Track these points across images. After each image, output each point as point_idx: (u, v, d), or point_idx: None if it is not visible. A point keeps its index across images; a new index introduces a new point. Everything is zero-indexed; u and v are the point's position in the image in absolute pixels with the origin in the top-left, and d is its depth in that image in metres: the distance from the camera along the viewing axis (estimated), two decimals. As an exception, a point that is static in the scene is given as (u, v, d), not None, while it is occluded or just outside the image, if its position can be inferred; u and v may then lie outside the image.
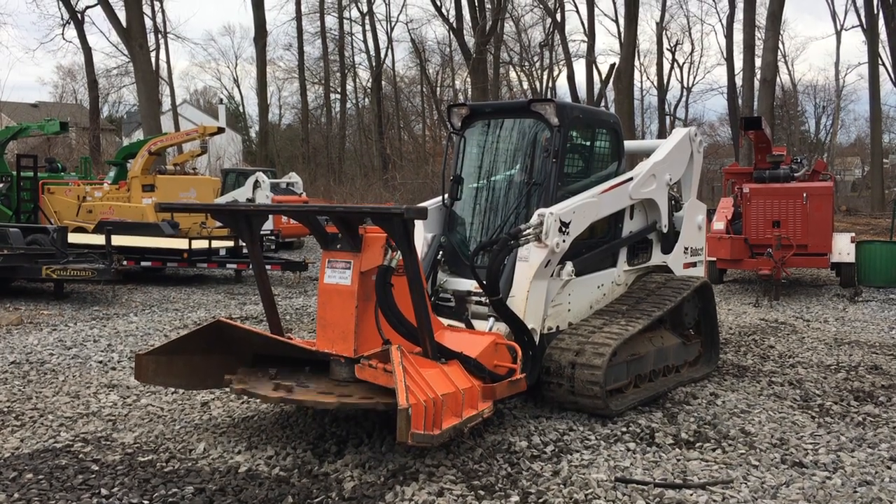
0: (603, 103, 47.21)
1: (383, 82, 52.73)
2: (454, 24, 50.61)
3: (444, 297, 6.36)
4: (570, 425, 5.58)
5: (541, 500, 4.25)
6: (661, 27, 56.63)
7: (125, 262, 12.42)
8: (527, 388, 5.55)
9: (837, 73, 51.54)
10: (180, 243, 13.52)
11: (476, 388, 4.96)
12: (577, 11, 49.38)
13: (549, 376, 5.77)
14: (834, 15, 71.32)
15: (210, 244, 13.53)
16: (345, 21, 52.71)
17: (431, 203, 6.75)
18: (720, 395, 6.47)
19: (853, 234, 13.88)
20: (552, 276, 6.02)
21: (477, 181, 6.64)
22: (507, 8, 49.10)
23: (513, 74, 57.00)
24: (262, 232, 16.22)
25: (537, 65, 57.45)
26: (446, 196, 6.70)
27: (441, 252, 6.54)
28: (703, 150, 7.71)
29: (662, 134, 50.81)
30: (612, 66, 52.88)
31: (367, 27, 51.40)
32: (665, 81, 57.47)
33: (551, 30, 55.89)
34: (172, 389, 6.36)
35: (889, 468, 4.81)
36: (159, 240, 13.93)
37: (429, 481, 4.47)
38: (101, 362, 7.45)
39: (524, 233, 5.65)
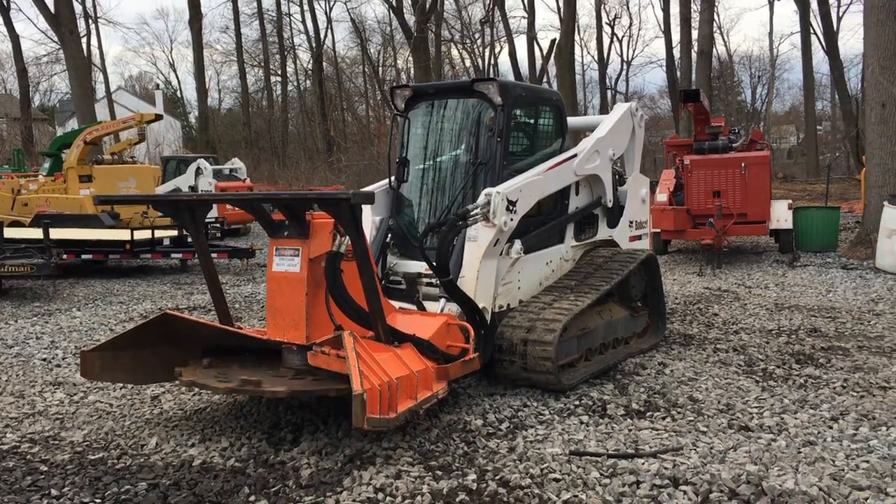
0: (545, 79, 47.46)
1: (325, 63, 52.22)
2: (394, 3, 50.32)
3: (394, 280, 6.36)
4: (524, 401, 5.64)
5: (497, 477, 4.29)
6: (599, 1, 57.12)
7: (65, 256, 12.12)
8: (480, 367, 5.60)
9: (771, 42, 52.89)
10: (122, 234, 13.25)
11: (430, 369, 4.98)
12: (517, -13, 49.32)
13: (502, 354, 5.81)
14: (766, -14, 72.72)
15: (153, 234, 13.28)
16: (283, 2, 52.03)
17: (378, 186, 6.72)
18: (668, 365, 6.61)
19: (790, 201, 14.24)
20: (501, 254, 6.06)
21: (423, 162, 6.62)
22: (447, -15, 48.94)
23: (454, 52, 56.98)
24: (206, 220, 15.95)
25: (478, 42, 57.54)
26: (393, 178, 6.69)
27: (390, 235, 6.52)
28: (644, 124, 7.81)
29: (605, 108, 51.32)
30: (553, 41, 53.12)
31: (306, 7, 50.69)
32: (605, 56, 57.98)
33: (491, 6, 55.83)
34: (121, 385, 6.25)
35: (830, 428, 4.97)
36: (100, 231, 13.62)
37: (386, 464, 4.49)
38: (44, 360, 7.28)
39: (472, 213, 5.67)
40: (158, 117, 18.09)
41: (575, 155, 6.76)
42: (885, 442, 4.68)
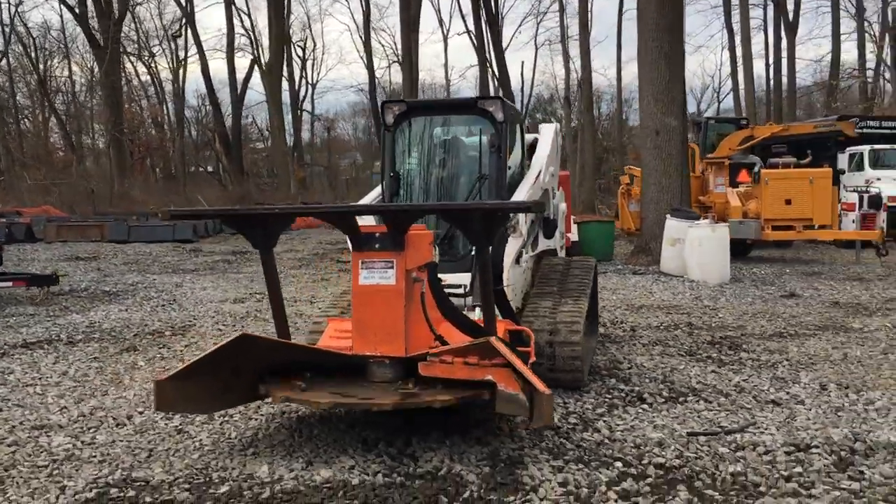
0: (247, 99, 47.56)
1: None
2: (77, 11, 47.35)
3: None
4: (561, 401, 6.01)
5: (644, 462, 4.66)
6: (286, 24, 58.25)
7: None
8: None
9: (447, 74, 57.96)
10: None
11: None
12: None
13: (527, 357, 6.14)
14: (441, 22, 79.17)
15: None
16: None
17: (370, 198, 6.71)
18: (631, 359, 7.36)
19: (573, 217, 15.95)
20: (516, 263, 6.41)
21: (418, 177, 6.74)
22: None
23: (129, 66, 55.34)
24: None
25: (165, 57, 56.14)
26: (384, 192, 6.71)
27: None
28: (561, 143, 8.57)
29: (297, 130, 53.17)
30: (253, 60, 53.04)
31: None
32: (298, 78, 59.34)
33: (183, 22, 54.45)
34: (131, 420, 5.60)
35: (827, 395, 6.02)
36: None
37: (535, 463, 4.64)
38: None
39: (509, 224, 5.97)
40: None
41: (540, 171, 7.30)
42: None
